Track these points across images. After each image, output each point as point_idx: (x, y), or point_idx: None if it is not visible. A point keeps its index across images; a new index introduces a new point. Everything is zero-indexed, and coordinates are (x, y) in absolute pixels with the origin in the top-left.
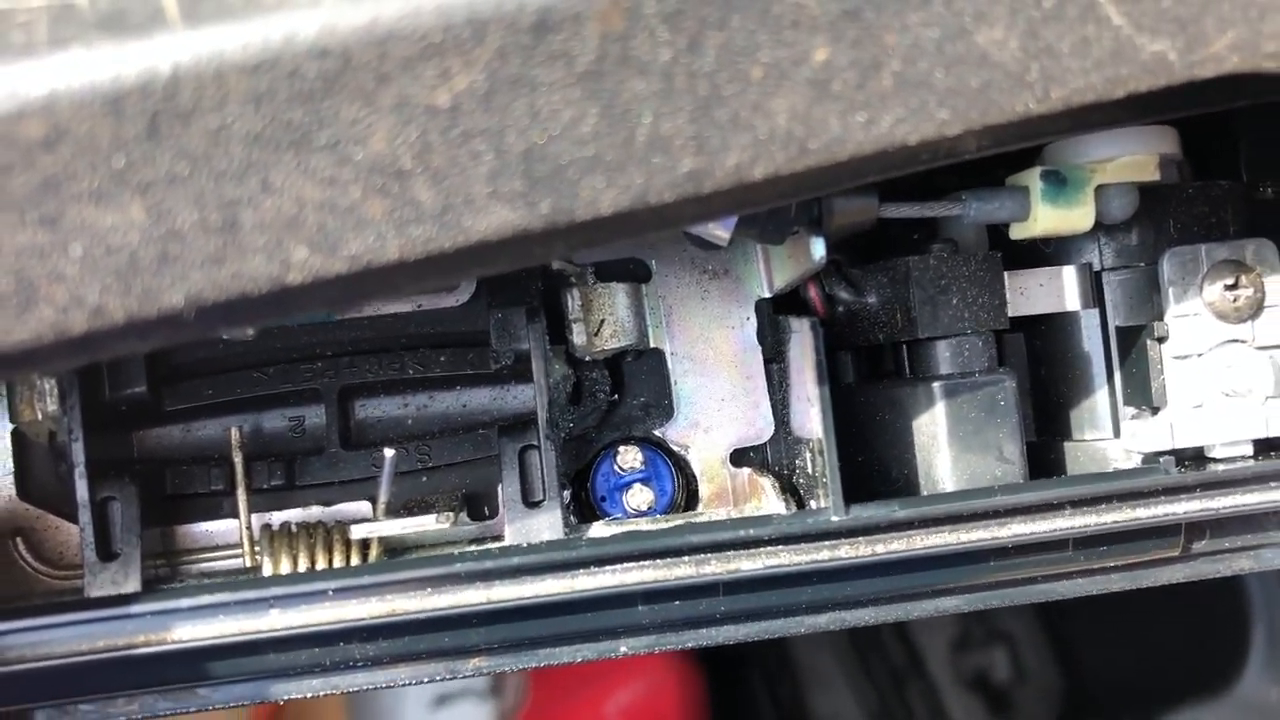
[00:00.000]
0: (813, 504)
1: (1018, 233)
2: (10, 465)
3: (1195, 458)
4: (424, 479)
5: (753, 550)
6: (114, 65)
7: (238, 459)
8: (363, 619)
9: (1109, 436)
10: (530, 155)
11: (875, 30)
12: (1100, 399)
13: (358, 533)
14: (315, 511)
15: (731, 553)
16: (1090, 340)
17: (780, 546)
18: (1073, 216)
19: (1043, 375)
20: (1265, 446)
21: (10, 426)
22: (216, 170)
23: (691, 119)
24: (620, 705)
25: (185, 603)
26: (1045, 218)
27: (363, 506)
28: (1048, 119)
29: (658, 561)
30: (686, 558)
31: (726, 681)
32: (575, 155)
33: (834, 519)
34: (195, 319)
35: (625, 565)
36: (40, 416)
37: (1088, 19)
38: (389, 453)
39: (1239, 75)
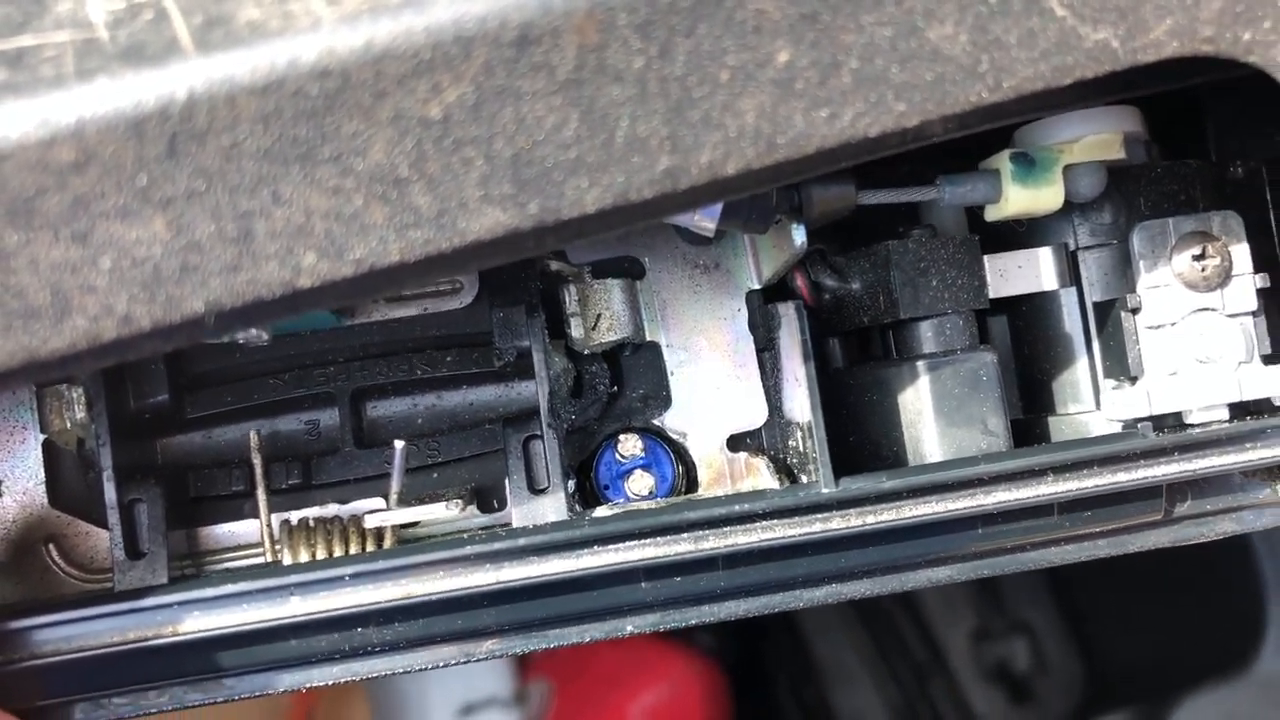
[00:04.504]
0: (804, 479)
1: (992, 214)
2: (42, 475)
3: (1174, 425)
4: (434, 475)
5: (748, 525)
6: (135, 92)
7: (257, 461)
8: (379, 602)
9: (1091, 409)
10: (518, 160)
11: (832, 31)
12: (1082, 374)
13: (371, 522)
14: (332, 509)
15: (728, 527)
16: (1070, 318)
17: (774, 520)
18: (1043, 196)
19: (1026, 355)
20: (1241, 410)
21: (41, 438)
22: (231, 185)
23: (666, 120)
24: (644, 708)
25: (209, 592)
26: (1016, 198)
27: (377, 503)
28: (1003, 106)
29: (658, 539)
30: (685, 534)
31: (751, 685)
32: (559, 158)
33: (824, 491)
34: (215, 323)
35: (627, 543)
36: (69, 425)
37: (1032, 12)
38: (399, 444)
39: (1180, 59)
